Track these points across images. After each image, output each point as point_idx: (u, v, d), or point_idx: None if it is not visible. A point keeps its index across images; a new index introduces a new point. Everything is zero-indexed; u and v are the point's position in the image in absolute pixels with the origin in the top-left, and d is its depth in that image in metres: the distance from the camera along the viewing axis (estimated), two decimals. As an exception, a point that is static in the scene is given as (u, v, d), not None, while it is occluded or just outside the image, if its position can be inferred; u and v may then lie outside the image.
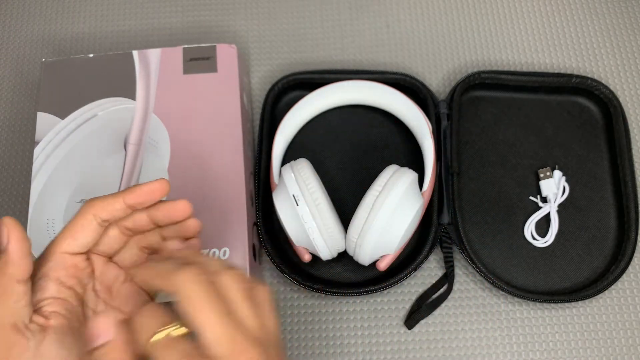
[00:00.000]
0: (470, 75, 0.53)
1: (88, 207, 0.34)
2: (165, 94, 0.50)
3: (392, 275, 0.47)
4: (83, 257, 0.35)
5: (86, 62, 0.51)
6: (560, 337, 0.47)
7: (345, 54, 0.57)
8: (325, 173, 0.52)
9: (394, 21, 0.59)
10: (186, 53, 0.51)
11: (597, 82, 0.52)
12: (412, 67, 0.56)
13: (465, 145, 0.53)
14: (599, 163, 0.52)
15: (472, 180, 0.52)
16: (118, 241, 0.36)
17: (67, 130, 0.48)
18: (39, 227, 0.45)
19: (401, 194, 0.42)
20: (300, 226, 0.43)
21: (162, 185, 0.36)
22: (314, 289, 0.46)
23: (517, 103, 0.54)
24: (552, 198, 0.50)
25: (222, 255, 0.45)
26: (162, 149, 0.48)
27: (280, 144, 0.50)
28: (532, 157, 0.52)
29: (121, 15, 0.60)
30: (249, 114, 0.54)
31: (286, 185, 0.44)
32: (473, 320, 0.48)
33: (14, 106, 0.56)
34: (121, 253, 0.37)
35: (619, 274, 0.47)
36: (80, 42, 0.59)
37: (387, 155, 0.52)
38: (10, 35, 0.59)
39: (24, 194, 0.52)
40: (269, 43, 0.58)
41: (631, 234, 0.48)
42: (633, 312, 0.48)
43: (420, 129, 0.50)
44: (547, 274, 0.48)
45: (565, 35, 0.57)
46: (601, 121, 0.53)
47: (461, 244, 0.48)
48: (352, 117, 0.54)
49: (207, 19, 0.59)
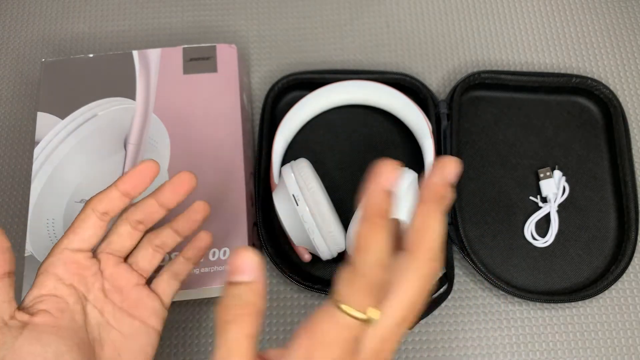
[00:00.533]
0: (470, 75, 0.53)
1: (87, 202, 0.35)
2: (165, 94, 0.50)
3: (392, 275, 0.47)
4: (86, 254, 0.35)
5: (86, 62, 0.51)
6: (560, 337, 0.47)
7: (345, 54, 0.57)
8: (325, 173, 0.52)
9: (394, 21, 0.59)
10: (186, 53, 0.51)
11: (597, 82, 0.52)
12: (412, 67, 0.56)
13: (465, 145, 0.53)
14: (599, 163, 0.52)
15: (472, 180, 0.52)
16: (130, 238, 0.36)
17: (67, 130, 0.48)
18: (39, 227, 0.45)
19: (401, 194, 0.42)
20: (300, 226, 0.43)
21: (149, 165, 0.35)
22: (314, 289, 0.46)
23: (517, 103, 0.54)
24: (552, 198, 0.50)
25: (222, 255, 0.45)
26: (162, 149, 0.48)
27: (280, 144, 0.50)
28: (532, 157, 0.52)
29: (121, 15, 0.60)
30: (249, 114, 0.54)
31: (286, 185, 0.44)
32: (473, 320, 0.48)
33: (14, 106, 0.56)
34: (135, 254, 0.37)
35: (619, 274, 0.47)
36: (80, 42, 0.59)
37: (387, 155, 0.52)
38: (10, 35, 0.59)
39: (24, 194, 0.52)
40: (269, 43, 0.58)
41: (631, 234, 0.48)
42: (633, 312, 0.48)
43: (420, 129, 0.50)
44: (547, 274, 0.48)
45: (565, 35, 0.57)
46: (601, 121, 0.53)
47: (461, 244, 0.48)
48: (352, 117, 0.54)
49: (207, 19, 0.59)
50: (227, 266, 0.28)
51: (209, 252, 0.45)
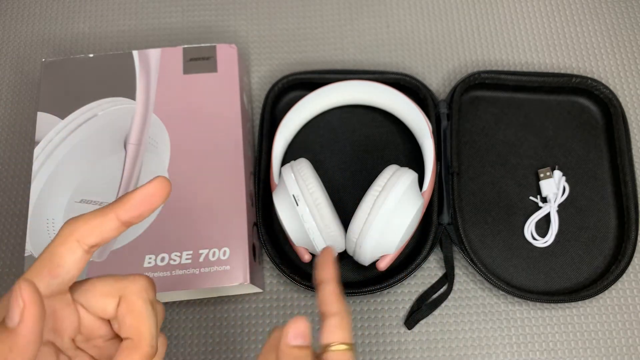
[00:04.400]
0: (470, 75, 0.53)
1: (69, 230, 0.26)
2: (165, 94, 0.50)
3: (392, 275, 0.47)
4: (64, 298, 0.27)
5: (86, 62, 0.51)
6: (560, 337, 0.47)
7: (345, 54, 0.57)
8: (325, 173, 0.52)
9: (394, 21, 0.59)
10: (186, 53, 0.51)
11: (597, 82, 0.52)
12: (412, 67, 0.56)
13: (465, 145, 0.53)
14: (599, 163, 0.52)
15: (472, 180, 0.52)
16: (77, 267, 0.27)
17: (67, 130, 0.48)
18: (39, 227, 0.45)
19: (401, 194, 0.42)
20: (300, 226, 0.43)
21: (162, 186, 0.27)
22: (314, 289, 0.46)
23: (517, 103, 0.54)
24: (552, 198, 0.50)
25: (222, 255, 0.45)
26: (162, 149, 0.48)
27: (280, 144, 0.50)
28: (532, 157, 0.52)
29: (121, 15, 0.60)
30: (249, 114, 0.54)
31: (286, 185, 0.44)
32: (473, 320, 0.48)
33: (14, 106, 0.56)
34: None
35: (619, 274, 0.47)
36: (80, 42, 0.59)
37: (387, 155, 0.52)
38: (10, 35, 0.59)
39: (24, 194, 0.52)
40: (269, 43, 0.58)
41: (631, 234, 0.48)
42: (633, 312, 0.48)
43: (420, 129, 0.50)
44: (547, 274, 0.48)
45: (565, 35, 0.57)
46: (601, 121, 0.53)
47: (461, 244, 0.48)
48: (352, 117, 0.54)
49: (207, 19, 0.59)
50: (287, 329, 0.29)
51: (209, 252, 0.45)
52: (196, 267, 0.44)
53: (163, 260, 0.44)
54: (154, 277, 0.44)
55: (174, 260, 0.44)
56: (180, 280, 0.44)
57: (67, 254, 0.26)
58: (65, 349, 0.27)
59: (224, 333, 0.48)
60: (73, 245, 0.26)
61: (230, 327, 0.48)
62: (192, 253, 0.45)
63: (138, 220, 0.27)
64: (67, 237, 0.26)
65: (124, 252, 0.44)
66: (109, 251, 0.45)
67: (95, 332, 0.28)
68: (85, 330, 0.28)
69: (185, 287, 0.44)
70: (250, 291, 0.48)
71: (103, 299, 0.27)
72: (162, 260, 0.44)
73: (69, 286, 0.27)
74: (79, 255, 0.26)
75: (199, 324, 0.48)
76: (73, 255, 0.26)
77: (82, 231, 0.26)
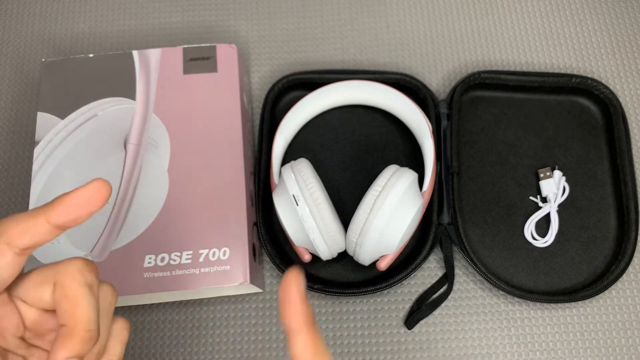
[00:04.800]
0: (470, 75, 0.53)
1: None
2: (165, 94, 0.50)
3: (392, 275, 0.47)
4: (2, 297, 0.26)
5: (86, 62, 0.51)
6: (560, 337, 0.47)
7: (345, 54, 0.57)
8: (325, 173, 0.52)
9: (394, 21, 0.59)
10: (186, 53, 0.51)
11: (597, 82, 0.52)
12: (412, 67, 0.56)
13: (465, 145, 0.53)
14: (599, 163, 0.52)
15: (472, 180, 0.52)
16: (11, 270, 0.26)
17: (67, 130, 0.48)
18: (39, 227, 0.45)
19: (401, 194, 0.42)
20: (300, 226, 0.43)
21: (100, 189, 0.26)
22: (314, 289, 0.46)
23: (517, 103, 0.54)
24: (552, 198, 0.50)
25: (222, 255, 0.45)
26: (162, 149, 0.48)
27: (280, 144, 0.50)
28: (532, 157, 0.52)
29: (121, 15, 0.60)
30: (249, 114, 0.54)
31: (286, 185, 0.44)
32: (473, 320, 0.48)
33: (14, 106, 0.56)
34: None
35: (619, 274, 0.47)
36: (80, 42, 0.59)
37: (387, 155, 0.52)
38: (10, 35, 0.59)
39: (24, 194, 0.52)
40: (269, 43, 0.58)
41: (631, 234, 0.48)
42: (633, 312, 0.48)
43: (420, 129, 0.50)
44: (547, 274, 0.48)
45: (565, 35, 0.57)
46: (601, 121, 0.53)
47: (461, 244, 0.48)
48: (352, 117, 0.54)
49: (207, 19, 0.59)
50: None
51: (209, 252, 0.45)
52: (196, 267, 0.44)
53: (163, 260, 0.44)
54: (154, 277, 0.44)
55: (174, 260, 0.44)
56: (180, 280, 0.44)
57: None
58: (14, 348, 0.27)
59: (224, 333, 0.48)
60: (2, 248, 0.25)
61: (230, 327, 0.48)
62: (192, 253, 0.45)
63: (74, 224, 0.26)
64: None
65: (124, 252, 0.45)
66: (109, 251, 0.45)
67: (43, 325, 0.27)
68: (33, 325, 0.27)
69: (185, 287, 0.44)
70: (250, 291, 0.48)
71: (38, 288, 0.26)
72: (162, 260, 0.44)
73: (4, 288, 0.26)
74: (9, 259, 0.25)
75: (199, 323, 0.48)
76: (3, 258, 0.25)
77: (11, 234, 0.25)
